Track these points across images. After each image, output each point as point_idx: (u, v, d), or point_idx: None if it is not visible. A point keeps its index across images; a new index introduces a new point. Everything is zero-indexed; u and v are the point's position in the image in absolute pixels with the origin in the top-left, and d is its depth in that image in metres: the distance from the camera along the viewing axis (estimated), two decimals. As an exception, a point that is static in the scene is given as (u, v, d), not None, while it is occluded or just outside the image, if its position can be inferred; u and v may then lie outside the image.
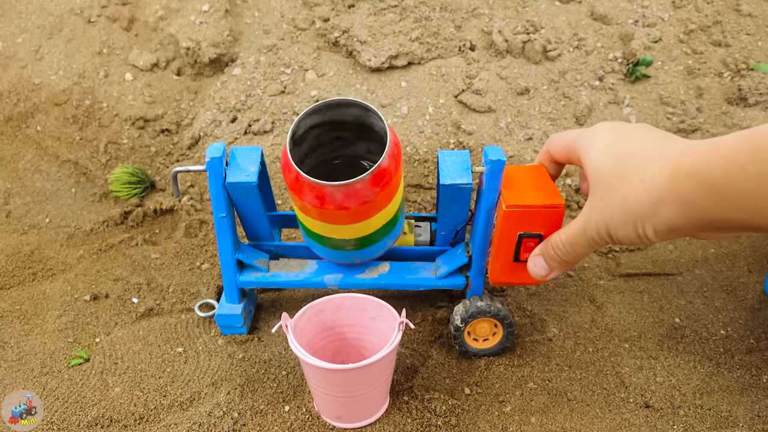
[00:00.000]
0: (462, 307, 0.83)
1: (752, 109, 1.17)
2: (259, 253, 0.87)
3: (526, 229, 0.73)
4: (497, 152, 0.73)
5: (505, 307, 0.83)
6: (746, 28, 1.23)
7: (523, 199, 0.71)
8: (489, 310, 0.81)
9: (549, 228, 0.72)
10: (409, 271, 0.86)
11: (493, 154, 0.72)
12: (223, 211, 0.77)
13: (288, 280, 0.86)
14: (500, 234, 0.74)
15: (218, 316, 0.87)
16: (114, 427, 0.79)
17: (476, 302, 0.82)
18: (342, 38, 1.25)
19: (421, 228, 0.86)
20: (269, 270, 0.86)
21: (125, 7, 1.34)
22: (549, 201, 0.71)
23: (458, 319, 0.82)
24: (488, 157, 0.72)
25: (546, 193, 0.72)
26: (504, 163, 0.72)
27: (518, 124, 1.19)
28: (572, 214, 1.11)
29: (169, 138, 1.26)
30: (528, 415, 0.80)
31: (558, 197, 0.72)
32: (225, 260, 0.84)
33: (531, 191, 0.73)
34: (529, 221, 0.72)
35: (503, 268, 0.77)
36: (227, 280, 0.86)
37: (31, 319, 0.94)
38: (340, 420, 0.78)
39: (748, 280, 0.99)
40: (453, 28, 1.26)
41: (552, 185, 0.74)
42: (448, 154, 0.78)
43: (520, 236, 0.73)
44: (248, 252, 0.85)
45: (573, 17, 1.27)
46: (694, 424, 0.78)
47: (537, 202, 0.71)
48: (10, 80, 1.30)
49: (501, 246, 0.75)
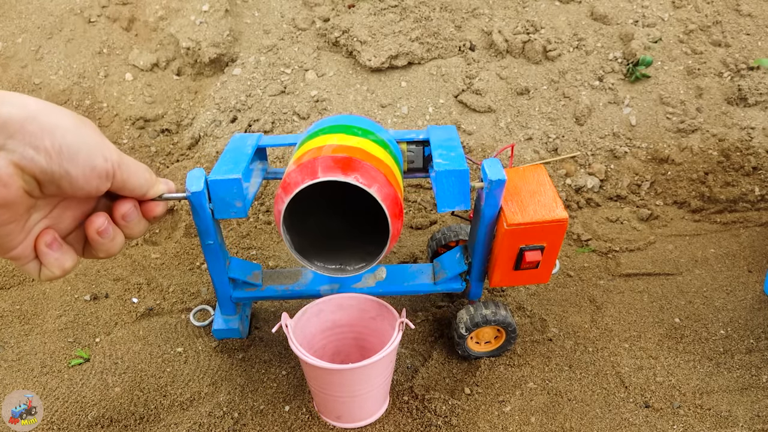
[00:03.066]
0: (466, 315, 0.81)
1: (752, 109, 1.17)
2: (250, 266, 0.83)
3: (528, 242, 0.71)
4: (497, 170, 0.68)
5: (509, 314, 0.81)
6: (746, 28, 1.23)
7: (524, 216, 0.68)
8: (495, 319, 0.80)
9: (551, 240, 0.70)
10: (406, 277, 0.84)
11: (492, 173, 0.68)
12: (210, 238, 0.73)
13: (283, 293, 0.83)
14: (501, 248, 0.72)
15: (215, 331, 0.87)
16: (114, 427, 0.79)
17: (481, 310, 0.80)
18: (342, 38, 1.25)
19: (414, 153, 0.81)
20: (263, 284, 0.83)
21: (125, 7, 1.34)
22: (551, 216, 0.68)
23: (463, 328, 0.81)
24: (488, 177, 0.67)
25: (548, 204, 0.70)
26: (504, 182, 0.68)
27: (518, 124, 1.19)
28: (572, 214, 1.11)
29: (169, 138, 1.26)
30: (528, 415, 0.80)
31: (560, 208, 0.69)
32: (217, 280, 0.80)
33: (532, 203, 0.70)
34: (531, 236, 0.70)
35: (503, 275, 0.75)
36: (221, 297, 0.83)
37: (31, 319, 0.94)
38: (340, 420, 0.78)
39: (748, 280, 0.99)
40: (453, 28, 1.26)
41: (553, 192, 0.72)
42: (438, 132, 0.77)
43: (521, 249, 0.71)
44: (239, 268, 0.81)
45: (573, 17, 1.27)
46: (694, 424, 0.78)
47: (539, 218, 0.68)
48: (10, 80, 1.30)
49: (502, 257, 0.73)
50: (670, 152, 1.15)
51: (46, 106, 0.46)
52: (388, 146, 0.71)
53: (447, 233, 0.92)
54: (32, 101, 0.46)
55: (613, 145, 1.16)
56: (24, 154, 0.44)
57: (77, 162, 0.47)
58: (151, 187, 0.56)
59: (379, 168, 0.63)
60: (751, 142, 1.14)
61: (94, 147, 0.48)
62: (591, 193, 1.13)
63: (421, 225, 1.09)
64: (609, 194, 1.13)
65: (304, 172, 0.61)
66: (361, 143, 0.66)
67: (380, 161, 0.65)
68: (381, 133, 0.73)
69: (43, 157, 0.45)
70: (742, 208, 1.11)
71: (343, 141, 0.66)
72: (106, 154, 0.49)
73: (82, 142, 0.47)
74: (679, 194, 1.13)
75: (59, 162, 0.46)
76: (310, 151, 0.65)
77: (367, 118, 0.75)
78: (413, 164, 0.80)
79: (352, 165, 0.61)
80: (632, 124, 1.17)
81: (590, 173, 1.14)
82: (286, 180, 0.63)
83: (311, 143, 0.67)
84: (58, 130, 0.46)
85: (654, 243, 1.06)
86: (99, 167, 0.49)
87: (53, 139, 0.46)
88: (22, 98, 0.45)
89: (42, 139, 0.45)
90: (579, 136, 1.17)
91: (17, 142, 0.44)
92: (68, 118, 0.47)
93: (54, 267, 0.52)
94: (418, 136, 0.77)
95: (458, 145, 0.74)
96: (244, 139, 0.79)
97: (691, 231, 1.08)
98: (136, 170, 0.53)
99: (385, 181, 0.62)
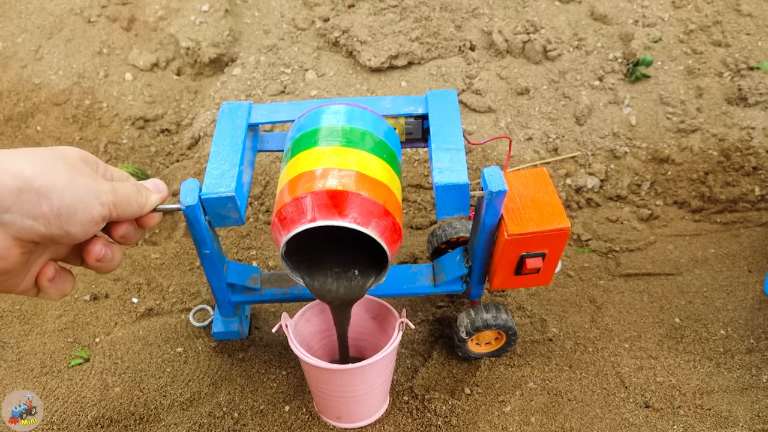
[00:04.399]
0: (467, 319, 0.80)
1: (752, 109, 1.17)
2: (249, 269, 0.82)
3: (529, 250, 0.70)
4: (497, 179, 0.65)
5: (510, 318, 0.81)
6: (746, 28, 1.23)
7: (525, 226, 0.67)
8: (495, 323, 0.79)
9: (553, 247, 0.69)
10: (406, 278, 0.82)
11: (493, 184, 0.65)
12: (206, 248, 0.71)
13: (282, 296, 0.82)
14: (502, 255, 0.70)
15: (215, 334, 0.87)
16: (114, 427, 0.79)
17: (482, 314, 0.80)
18: (342, 38, 1.25)
19: (412, 126, 0.78)
20: (262, 288, 0.82)
21: (125, 7, 1.34)
22: (553, 224, 0.67)
23: (463, 332, 0.80)
24: (488, 188, 0.65)
25: (550, 212, 0.68)
26: (505, 192, 0.65)
27: (518, 124, 1.19)
28: (572, 215, 1.11)
29: (169, 138, 1.26)
30: (528, 415, 0.80)
31: (562, 216, 0.68)
32: (216, 286, 0.79)
33: (534, 211, 0.68)
34: (532, 244, 0.69)
35: (504, 279, 0.75)
36: (220, 301, 0.82)
37: (31, 319, 0.94)
38: (340, 420, 0.78)
39: (748, 280, 0.99)
40: (453, 28, 1.26)
41: (555, 199, 0.70)
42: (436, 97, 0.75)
43: (522, 256, 0.70)
44: (238, 273, 0.80)
45: (573, 17, 1.27)
46: (694, 424, 0.78)
47: (540, 228, 0.67)
48: (10, 80, 1.30)
49: (502, 263, 0.72)
50: (670, 152, 1.15)
51: (41, 166, 0.45)
52: (386, 146, 0.69)
53: (447, 229, 0.91)
54: (27, 165, 0.44)
55: (613, 145, 1.16)
56: (23, 225, 0.44)
57: (75, 220, 0.46)
58: (145, 205, 0.56)
59: (377, 196, 0.62)
60: (752, 142, 1.14)
61: (90, 197, 0.47)
62: (591, 193, 1.13)
63: (421, 225, 1.09)
64: (609, 194, 1.13)
65: (299, 209, 0.60)
66: (359, 162, 0.64)
67: (378, 184, 0.63)
68: (378, 127, 0.70)
69: (42, 223, 0.45)
70: (742, 208, 1.11)
71: (339, 161, 0.63)
72: (102, 200, 0.49)
73: (78, 198, 0.46)
74: (679, 194, 1.13)
75: (58, 225, 0.46)
76: (304, 178, 0.62)
77: (362, 108, 0.71)
78: (411, 135, 0.78)
79: (348, 202, 0.60)
80: (632, 124, 1.17)
81: (590, 173, 1.14)
82: (282, 213, 0.62)
83: (305, 159, 0.65)
84: (54, 192, 0.45)
85: (654, 243, 1.06)
86: (96, 216, 0.48)
87: (50, 204, 0.44)
88: (15, 162, 0.44)
89: (39, 206, 0.44)
90: (579, 136, 1.17)
91: (14, 214, 0.43)
92: (62, 173, 0.46)
93: (55, 295, 0.52)
94: (417, 110, 0.74)
95: (458, 126, 0.71)
96: (234, 117, 0.75)
97: (691, 231, 1.08)
98: (129, 200, 0.53)
99: (382, 212, 0.61)
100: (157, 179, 0.60)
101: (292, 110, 0.76)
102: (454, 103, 0.75)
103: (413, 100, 0.76)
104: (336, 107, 0.71)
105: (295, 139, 0.69)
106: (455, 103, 0.75)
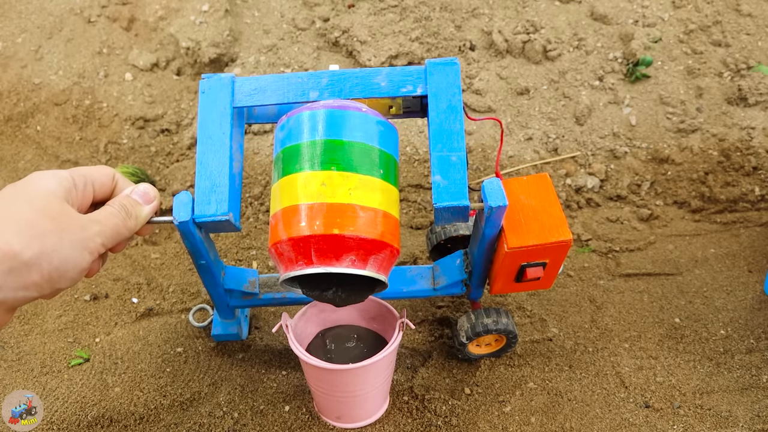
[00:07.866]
0: (467, 324, 0.80)
1: (752, 109, 1.17)
2: (246, 273, 0.80)
3: (530, 260, 0.69)
4: (498, 194, 0.63)
5: (511, 322, 0.80)
6: (746, 28, 1.23)
7: (526, 238, 0.66)
8: (496, 328, 0.79)
9: (554, 256, 0.69)
10: (405, 281, 0.81)
11: (493, 199, 0.63)
12: (202, 259, 0.70)
13: (281, 300, 0.82)
14: (502, 265, 0.70)
15: (215, 336, 0.87)
16: (114, 427, 0.79)
17: (482, 319, 0.79)
18: (342, 38, 1.26)
19: (410, 102, 0.75)
20: (260, 291, 0.81)
21: (125, 7, 1.34)
22: (554, 237, 0.66)
23: (463, 337, 0.80)
24: (488, 203, 0.63)
25: (551, 223, 0.67)
26: (505, 207, 0.63)
27: (518, 124, 1.19)
28: (572, 215, 1.11)
29: (169, 138, 1.26)
30: (528, 415, 0.80)
31: (564, 228, 0.67)
32: (213, 292, 0.78)
33: (535, 222, 0.67)
34: (533, 255, 0.68)
35: (504, 285, 0.74)
36: (219, 305, 0.81)
37: (31, 319, 0.94)
38: (340, 420, 0.78)
39: (748, 280, 0.99)
40: (453, 28, 1.27)
41: (557, 208, 0.69)
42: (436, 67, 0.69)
43: (522, 266, 0.70)
44: (235, 278, 0.79)
45: (573, 17, 1.27)
46: (694, 424, 0.78)
47: (541, 240, 0.66)
48: (10, 80, 1.30)
49: (503, 271, 0.71)
50: (670, 152, 1.15)
51: (28, 232, 0.44)
52: (381, 157, 0.64)
53: (447, 227, 0.90)
54: (15, 238, 0.43)
55: (613, 145, 1.16)
56: (16, 297, 0.44)
57: (67, 277, 0.47)
58: (135, 226, 0.55)
59: (374, 231, 0.59)
60: (752, 142, 1.14)
61: (77, 251, 0.47)
62: (591, 193, 1.13)
63: (421, 225, 1.09)
64: (609, 194, 1.13)
65: (296, 251, 0.59)
66: (354, 190, 0.60)
67: (375, 214, 0.60)
68: (370, 133, 0.63)
69: (34, 290, 0.45)
70: (742, 208, 1.11)
71: (333, 194, 0.59)
72: (90, 247, 0.48)
73: (66, 258, 0.46)
74: (679, 194, 1.13)
75: (51, 286, 0.46)
76: (299, 214, 0.59)
77: (357, 110, 0.64)
78: (409, 109, 0.75)
79: (344, 246, 0.58)
80: (632, 124, 1.17)
81: (590, 173, 1.14)
82: (279, 249, 0.60)
83: (298, 184, 0.61)
84: (44, 257, 0.44)
85: (654, 243, 1.06)
86: (86, 265, 0.49)
87: (41, 271, 0.45)
88: (3, 235, 0.43)
89: (30, 276, 0.44)
90: (579, 136, 1.17)
91: (7, 290, 0.44)
92: (49, 236, 0.45)
93: None
94: (416, 89, 0.69)
95: (460, 119, 0.67)
96: (216, 101, 0.68)
97: (691, 231, 1.08)
98: (118, 230, 0.52)
99: (380, 246, 0.60)
100: (147, 185, 0.58)
101: (280, 89, 0.69)
102: (456, 82, 0.69)
103: (411, 74, 0.69)
104: (322, 113, 0.63)
105: (285, 148, 0.64)
106: (457, 81, 0.69)
